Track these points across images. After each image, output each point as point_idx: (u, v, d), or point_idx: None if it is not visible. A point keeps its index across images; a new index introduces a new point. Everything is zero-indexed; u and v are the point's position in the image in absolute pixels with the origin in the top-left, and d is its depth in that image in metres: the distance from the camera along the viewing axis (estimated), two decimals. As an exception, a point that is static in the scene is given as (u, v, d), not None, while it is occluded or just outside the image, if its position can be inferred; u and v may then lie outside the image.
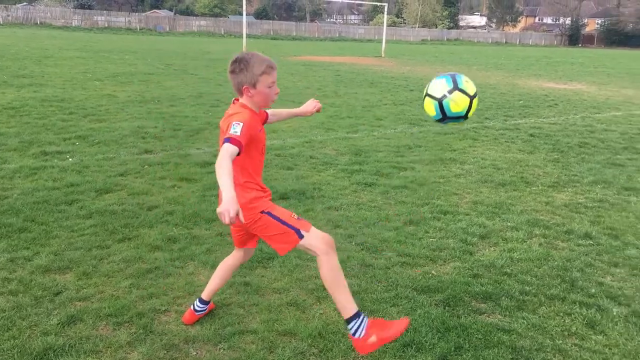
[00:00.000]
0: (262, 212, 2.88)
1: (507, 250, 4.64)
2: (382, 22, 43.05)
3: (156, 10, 73.29)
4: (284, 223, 2.88)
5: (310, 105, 3.47)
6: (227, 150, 2.64)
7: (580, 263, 4.41)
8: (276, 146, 8.07)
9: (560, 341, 3.30)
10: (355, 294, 3.74)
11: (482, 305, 3.71)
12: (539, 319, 3.54)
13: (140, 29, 55.07)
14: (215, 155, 2.54)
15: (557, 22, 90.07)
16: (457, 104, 3.32)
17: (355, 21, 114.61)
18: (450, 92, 3.33)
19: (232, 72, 2.89)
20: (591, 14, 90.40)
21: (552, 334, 3.37)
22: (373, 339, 2.76)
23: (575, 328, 3.44)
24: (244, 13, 30.77)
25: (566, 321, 3.53)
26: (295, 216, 2.95)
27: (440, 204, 5.76)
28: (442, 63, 30.02)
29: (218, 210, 2.37)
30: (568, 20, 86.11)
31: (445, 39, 72.96)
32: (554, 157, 8.14)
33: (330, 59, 28.87)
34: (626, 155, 8.38)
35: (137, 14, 61.72)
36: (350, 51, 38.84)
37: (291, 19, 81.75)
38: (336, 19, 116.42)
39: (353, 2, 59.49)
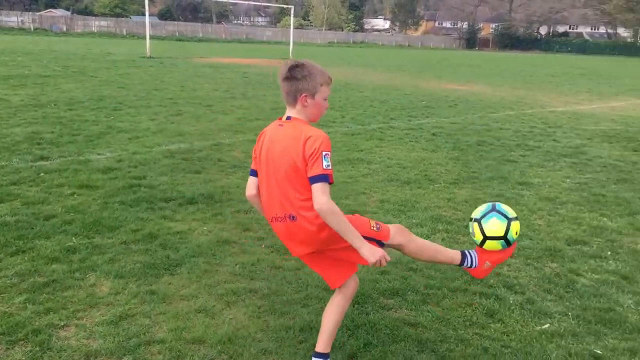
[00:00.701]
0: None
1: (412, 246, 4.79)
2: (290, 25, 43.23)
3: (52, 10, 69.54)
4: (366, 238, 2.69)
5: None
6: (328, 191, 2.53)
7: (480, 255, 4.62)
8: (183, 150, 7.88)
9: (462, 331, 3.44)
10: (265, 296, 3.74)
11: (390, 301, 3.81)
12: (442, 311, 3.67)
13: (34, 29, 51.99)
14: (119, 161, 2.43)
15: (456, 27, 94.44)
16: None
17: (263, 23, 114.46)
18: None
19: (292, 77, 2.68)
20: (486, 19, 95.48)
21: (454, 325, 3.51)
22: (487, 264, 3.01)
23: (475, 318, 3.61)
24: (147, 13, 29.79)
25: (467, 312, 3.69)
26: (375, 226, 2.79)
27: (348, 203, 5.85)
28: (349, 65, 30.58)
29: (371, 261, 2.56)
30: (465, 25, 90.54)
31: (351, 41, 74.46)
32: (455, 155, 8.51)
33: (238, 61, 28.64)
34: (519, 152, 8.91)
35: (30, 13, 58.18)
36: (258, 53, 38.74)
37: (197, 21, 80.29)
38: (243, 21, 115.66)
39: (260, 4, 59.30)
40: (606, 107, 15.90)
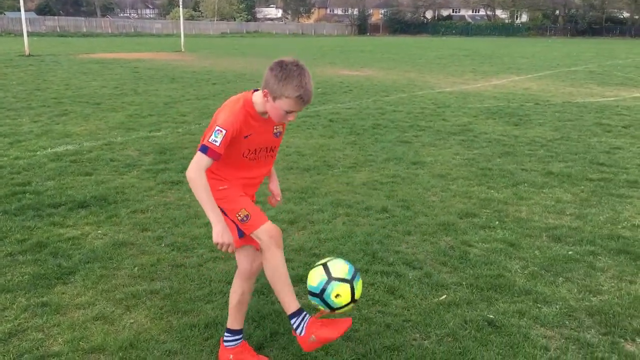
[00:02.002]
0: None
1: (314, 232, 4.85)
2: (179, 16, 42.01)
3: None
4: (231, 220, 2.76)
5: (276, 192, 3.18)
6: (202, 165, 2.59)
7: (379, 235, 4.77)
8: (71, 151, 7.47)
9: (366, 310, 3.54)
10: (167, 296, 3.65)
11: (295, 288, 3.81)
12: (346, 293, 3.74)
13: None
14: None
15: (347, 13, 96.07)
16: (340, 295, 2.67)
17: (151, 15, 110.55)
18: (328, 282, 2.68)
19: (272, 70, 2.63)
20: (375, 5, 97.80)
21: (358, 305, 3.59)
22: (312, 338, 2.68)
23: (378, 296, 3.72)
24: (22, 8, 27.77)
25: (370, 291, 3.79)
26: (242, 215, 2.73)
27: (249, 195, 5.81)
28: (243, 55, 30.29)
29: (215, 240, 2.62)
30: (356, 11, 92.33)
31: (244, 31, 73.68)
32: (352, 139, 8.69)
33: (127, 56, 27.48)
34: (412, 133, 9.25)
35: None
36: (148, 47, 37.37)
37: (79, 15, 76.08)
38: (130, 14, 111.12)
39: (146, -5, 57.06)
40: (489, 85, 16.85)
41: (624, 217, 5.31)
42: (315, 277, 2.71)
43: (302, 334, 2.70)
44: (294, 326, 2.73)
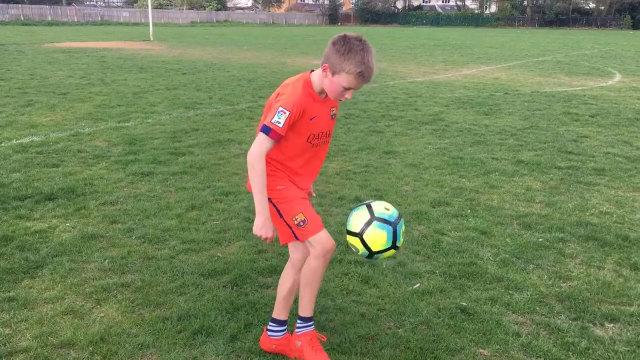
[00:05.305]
0: (269, 199, 2.66)
1: (287, 222, 4.82)
2: (147, 4, 41.30)
3: None
4: (285, 222, 2.72)
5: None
6: (264, 147, 2.54)
7: (353, 225, 4.76)
8: (37, 143, 7.29)
9: (340, 300, 3.54)
10: (138, 289, 3.60)
11: (269, 279, 3.81)
12: (323, 284, 3.74)
13: None
14: None
15: (318, 2, 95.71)
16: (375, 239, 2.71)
17: (119, 4, 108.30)
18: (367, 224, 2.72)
19: (334, 44, 2.53)
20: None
21: (332, 295, 3.59)
22: (298, 344, 2.90)
23: (352, 286, 3.72)
24: (-16, -5, 27.06)
25: (344, 281, 3.79)
26: (299, 221, 2.69)
27: (221, 185, 5.76)
28: (213, 45, 29.94)
29: (254, 231, 2.56)
30: (327, 1, 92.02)
31: (214, 20, 72.90)
32: (324, 129, 8.64)
33: (94, 45, 26.92)
34: (384, 123, 9.26)
35: None
36: (115, 36, 36.67)
37: (44, 3, 74.11)
38: (97, 2, 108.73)
39: (113, -17, 55.98)
40: (459, 75, 16.98)
41: (592, 204, 5.41)
42: (358, 219, 2.77)
43: (298, 333, 2.91)
44: (298, 327, 2.92)
